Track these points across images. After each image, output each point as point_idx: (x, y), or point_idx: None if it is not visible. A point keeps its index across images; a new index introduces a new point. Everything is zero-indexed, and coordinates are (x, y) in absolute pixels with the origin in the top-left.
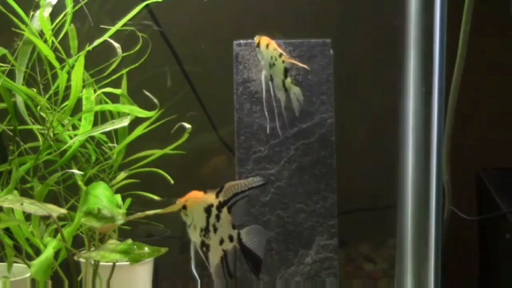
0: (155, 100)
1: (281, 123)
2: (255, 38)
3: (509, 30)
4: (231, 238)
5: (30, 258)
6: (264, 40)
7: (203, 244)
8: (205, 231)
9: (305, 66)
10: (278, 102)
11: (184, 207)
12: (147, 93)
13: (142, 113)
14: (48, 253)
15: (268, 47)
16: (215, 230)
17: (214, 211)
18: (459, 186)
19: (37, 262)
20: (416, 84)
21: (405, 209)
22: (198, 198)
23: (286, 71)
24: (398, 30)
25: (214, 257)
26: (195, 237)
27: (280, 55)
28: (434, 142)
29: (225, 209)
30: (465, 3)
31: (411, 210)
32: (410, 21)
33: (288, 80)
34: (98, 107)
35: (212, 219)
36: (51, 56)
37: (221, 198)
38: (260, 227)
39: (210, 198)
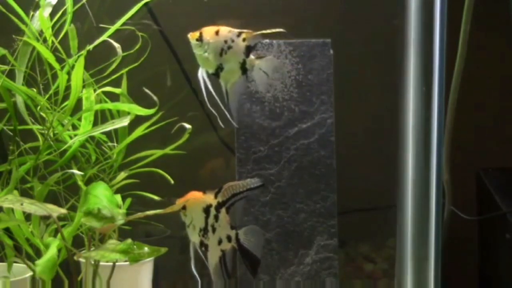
0: (155, 98)
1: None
2: (190, 35)
3: (509, 30)
4: (229, 239)
5: (30, 258)
6: (209, 30)
7: (202, 244)
8: (204, 231)
9: (281, 30)
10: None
11: (184, 208)
12: (146, 90)
13: (141, 111)
14: (52, 252)
15: (219, 33)
16: (214, 230)
17: (212, 211)
18: (459, 186)
19: (42, 261)
20: (416, 84)
21: (405, 209)
22: (197, 199)
23: (248, 49)
24: (398, 30)
25: (213, 257)
26: (194, 237)
27: (239, 34)
28: (434, 142)
29: (223, 210)
30: (465, 3)
31: (411, 210)
32: (409, 20)
33: (251, 57)
34: (97, 106)
35: (211, 220)
36: (51, 58)
37: (219, 199)
38: (258, 228)
39: (209, 198)
